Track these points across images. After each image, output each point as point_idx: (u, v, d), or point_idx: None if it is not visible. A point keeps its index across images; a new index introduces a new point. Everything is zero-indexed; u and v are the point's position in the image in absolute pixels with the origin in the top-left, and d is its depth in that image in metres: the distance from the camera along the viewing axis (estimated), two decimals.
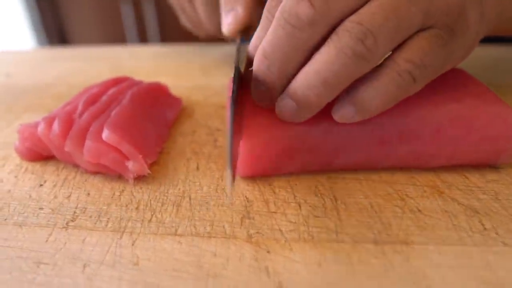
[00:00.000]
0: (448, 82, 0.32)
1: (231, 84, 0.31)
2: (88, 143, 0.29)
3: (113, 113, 0.32)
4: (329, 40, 0.24)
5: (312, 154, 0.29)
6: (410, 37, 0.25)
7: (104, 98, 0.36)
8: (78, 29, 1.91)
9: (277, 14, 0.25)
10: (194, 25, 0.53)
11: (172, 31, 1.84)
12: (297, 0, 0.24)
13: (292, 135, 0.29)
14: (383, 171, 0.31)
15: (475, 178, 0.30)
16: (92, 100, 0.36)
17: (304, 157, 0.30)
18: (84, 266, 0.24)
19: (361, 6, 0.24)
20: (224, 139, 0.36)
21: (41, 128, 0.32)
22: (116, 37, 1.87)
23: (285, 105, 0.26)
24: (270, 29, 0.25)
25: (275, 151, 0.29)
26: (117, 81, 0.40)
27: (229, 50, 0.64)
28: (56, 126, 0.31)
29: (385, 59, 0.25)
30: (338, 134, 0.29)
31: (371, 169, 0.31)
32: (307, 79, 0.25)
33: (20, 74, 0.56)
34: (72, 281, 0.23)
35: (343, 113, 0.26)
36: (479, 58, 0.55)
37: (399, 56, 0.24)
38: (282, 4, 0.25)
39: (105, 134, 0.29)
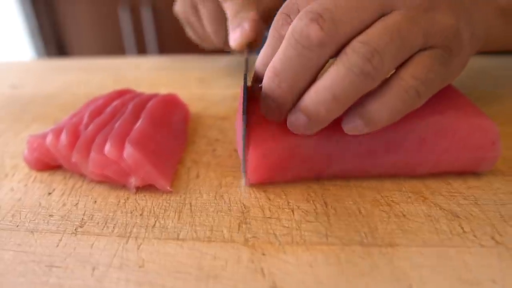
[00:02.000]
0: None
1: (241, 94, 0.34)
2: (93, 154, 0.31)
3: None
4: (338, 59, 0.26)
5: (305, 164, 0.31)
6: (412, 56, 0.27)
7: (109, 110, 0.38)
8: (76, 39, 1.92)
9: (287, 35, 0.27)
10: (201, 38, 0.55)
11: (170, 41, 1.86)
12: (308, 22, 0.25)
13: (285, 147, 0.31)
14: (373, 179, 0.33)
15: (457, 184, 0.32)
16: (97, 112, 0.38)
17: (298, 167, 0.32)
18: (93, 269, 0.26)
19: (367, 27, 0.26)
20: (222, 149, 0.38)
21: (49, 139, 0.34)
22: (114, 47, 1.89)
23: (297, 119, 0.28)
24: (281, 48, 0.27)
25: (271, 162, 0.31)
26: (120, 94, 0.42)
27: (228, 61, 0.66)
28: (63, 137, 0.33)
29: (392, 76, 0.27)
30: (329, 146, 0.31)
31: (361, 177, 0.33)
32: (318, 95, 0.26)
33: (26, 85, 0.58)
34: (83, 282, 0.25)
35: (353, 126, 0.28)
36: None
37: (406, 73, 0.26)
38: (293, 24, 0.26)
39: (107, 148, 0.31)
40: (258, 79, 0.32)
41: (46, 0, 1.80)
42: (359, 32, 0.26)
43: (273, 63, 0.28)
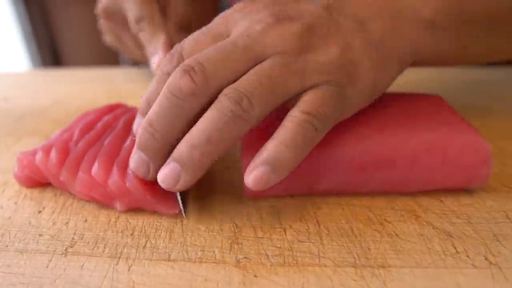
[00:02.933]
0: (423, 110, 0.34)
1: None
2: (80, 174, 0.31)
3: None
4: (212, 105, 0.27)
5: (295, 179, 0.31)
6: (300, 96, 0.28)
7: (99, 125, 0.37)
8: (72, 48, 1.92)
9: (163, 87, 0.28)
10: (122, 50, 0.59)
11: None
12: (181, 74, 0.27)
13: None
14: (364, 196, 0.33)
15: (449, 202, 0.32)
16: (88, 127, 0.37)
17: (288, 181, 0.31)
18: None
19: (239, 77, 0.28)
20: (215, 165, 0.38)
21: (39, 156, 0.33)
22: (110, 56, 1.88)
23: (170, 170, 0.28)
24: (157, 101, 0.28)
25: None
26: (111, 108, 0.41)
27: None
28: (53, 155, 0.33)
29: (285, 118, 0.28)
30: (319, 161, 0.31)
31: (351, 194, 0.33)
32: (192, 139, 0.27)
33: (17, 98, 0.58)
34: None
35: (258, 175, 0.27)
36: (457, 81, 0.57)
37: (295, 111, 0.28)
38: (168, 79, 0.28)
39: (94, 169, 0.31)
40: (141, 115, 0.33)
41: (41, 6, 1.80)
42: (233, 81, 0.28)
43: (149, 114, 0.29)
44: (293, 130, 0.27)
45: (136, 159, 0.30)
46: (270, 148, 0.27)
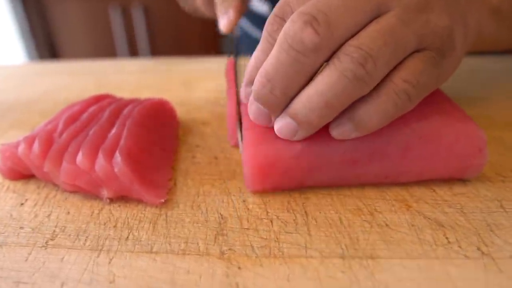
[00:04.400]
0: None
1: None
2: (64, 164, 0.30)
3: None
4: (331, 63, 0.25)
5: (287, 173, 0.30)
6: (405, 58, 0.26)
7: (84, 116, 0.36)
8: (69, 42, 1.91)
9: (280, 39, 0.26)
10: (193, 10, 0.57)
11: (162, 40, 1.85)
12: (302, 26, 0.24)
13: (267, 155, 0.30)
14: (354, 186, 0.32)
15: (442, 191, 0.31)
16: (73, 118, 0.36)
17: (279, 176, 0.30)
18: (62, 284, 0.24)
19: (361, 29, 0.26)
20: (202, 156, 0.37)
21: (21, 148, 0.32)
22: (107, 49, 1.88)
23: (286, 124, 0.28)
24: (273, 53, 0.26)
25: (252, 167, 0.30)
26: (97, 99, 0.40)
27: (212, 64, 0.65)
28: (36, 146, 0.32)
29: (383, 79, 0.26)
30: (311, 155, 0.30)
31: (343, 186, 0.32)
32: (311, 102, 0.26)
33: (6, 90, 0.57)
34: None
35: (343, 130, 0.28)
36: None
37: (397, 76, 0.26)
38: (285, 29, 0.25)
39: (79, 158, 0.30)
40: (250, 82, 0.31)
41: (37, 1, 1.79)
42: (353, 35, 0.25)
43: (265, 68, 0.27)
44: (388, 99, 0.26)
45: (255, 110, 0.29)
46: (359, 109, 0.26)
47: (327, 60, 0.26)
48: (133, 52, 1.88)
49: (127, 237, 0.28)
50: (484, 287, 0.23)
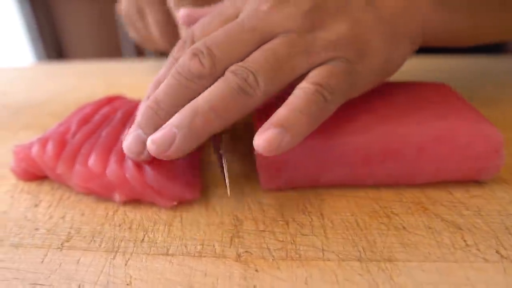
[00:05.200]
0: (432, 99, 0.33)
1: None
2: (77, 167, 0.30)
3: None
4: (219, 80, 0.28)
5: (299, 170, 0.30)
6: (310, 71, 0.28)
7: (97, 118, 0.36)
8: (76, 42, 1.92)
9: (173, 68, 0.29)
10: (143, 40, 0.58)
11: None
12: (190, 57, 0.28)
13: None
14: (370, 188, 0.32)
15: (459, 193, 0.31)
16: (85, 120, 0.36)
17: (292, 173, 0.30)
18: (79, 286, 0.24)
19: (249, 55, 0.28)
20: (216, 158, 0.37)
21: (35, 149, 0.32)
22: (113, 49, 1.88)
23: (166, 132, 0.27)
24: (165, 80, 0.29)
25: (266, 165, 0.30)
26: (109, 100, 0.40)
27: None
28: (49, 147, 0.32)
29: (295, 89, 0.28)
30: (323, 152, 0.30)
31: (357, 186, 0.32)
32: (196, 105, 0.27)
33: (16, 92, 0.57)
34: None
35: (270, 136, 0.25)
36: (464, 70, 0.56)
37: (304, 82, 0.27)
38: (179, 60, 0.29)
39: (91, 161, 0.30)
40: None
41: (44, 1, 1.80)
42: (240, 60, 0.28)
43: (156, 92, 0.29)
44: (304, 98, 0.26)
45: (132, 138, 0.29)
46: (283, 112, 0.26)
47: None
48: (140, 52, 1.88)
49: (143, 239, 0.28)
50: None
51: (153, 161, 0.30)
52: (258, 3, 0.30)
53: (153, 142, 0.27)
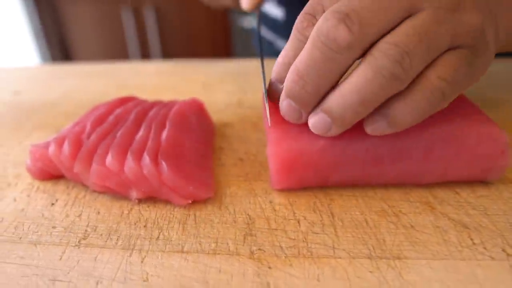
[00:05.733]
0: None
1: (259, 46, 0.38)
2: (94, 166, 0.31)
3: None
4: (365, 61, 0.25)
5: (310, 169, 0.31)
6: (439, 56, 0.26)
7: (111, 118, 0.37)
8: (81, 43, 1.93)
9: (313, 36, 0.26)
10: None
11: (173, 40, 1.86)
12: (335, 24, 0.25)
13: (291, 151, 0.30)
14: (379, 188, 0.33)
15: (466, 193, 0.32)
16: (100, 120, 0.37)
17: (303, 172, 0.31)
18: (97, 283, 0.25)
19: (394, 27, 0.26)
20: (227, 157, 0.38)
21: (52, 149, 0.33)
22: (118, 51, 1.90)
23: (320, 120, 0.28)
24: (305, 50, 0.27)
25: (277, 164, 0.31)
26: (123, 101, 0.41)
27: (231, 66, 0.66)
28: (66, 147, 0.33)
29: (418, 76, 0.26)
30: (335, 152, 0.30)
31: (366, 185, 0.33)
32: (345, 99, 0.26)
33: (29, 91, 0.58)
34: None
35: (376, 127, 0.28)
36: None
37: (431, 74, 0.26)
38: (318, 26, 0.26)
39: (108, 160, 0.31)
40: (279, 80, 0.31)
41: (50, 2, 1.81)
42: (386, 33, 0.26)
43: (297, 65, 0.27)
44: (423, 96, 0.26)
45: (286, 106, 0.29)
46: (394, 106, 0.26)
47: (359, 57, 0.26)
48: (145, 53, 1.89)
49: (158, 237, 0.29)
50: None
51: (169, 160, 0.31)
52: None
53: (313, 128, 0.29)
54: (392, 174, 0.31)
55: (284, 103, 0.29)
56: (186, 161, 0.32)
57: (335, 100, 0.27)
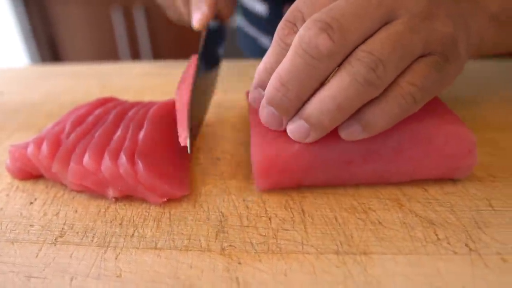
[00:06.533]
0: None
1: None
2: (72, 165, 0.32)
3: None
4: (342, 68, 0.26)
5: (285, 173, 0.32)
6: (412, 63, 0.28)
7: (90, 119, 0.38)
8: (71, 44, 1.92)
9: (295, 44, 0.27)
10: (178, 18, 0.60)
11: (163, 40, 1.87)
12: (317, 32, 0.25)
13: (266, 155, 0.31)
14: (349, 186, 0.33)
15: (433, 190, 0.33)
16: (79, 120, 0.38)
17: (278, 175, 0.32)
18: (72, 279, 0.26)
19: (370, 36, 0.27)
20: (204, 157, 0.39)
21: (30, 149, 0.34)
22: (108, 51, 1.89)
23: (299, 127, 0.29)
24: (287, 57, 0.27)
25: (256, 167, 0.32)
26: (103, 102, 0.42)
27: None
28: (44, 147, 0.33)
29: (391, 83, 0.27)
30: (310, 156, 0.31)
31: (339, 185, 0.33)
32: (322, 105, 0.27)
33: (12, 92, 0.58)
34: None
35: (351, 131, 0.29)
36: None
37: (403, 80, 0.27)
38: (300, 35, 0.26)
39: (85, 160, 0.32)
40: (260, 85, 0.32)
41: (39, 3, 1.80)
42: (364, 40, 0.27)
43: (279, 72, 0.28)
44: (394, 101, 0.27)
45: (267, 114, 0.30)
46: (367, 111, 0.28)
47: (339, 65, 0.27)
48: (135, 53, 1.89)
49: (133, 234, 0.29)
50: (470, 281, 0.25)
51: (146, 160, 0.31)
52: None
53: (291, 135, 0.30)
54: (363, 175, 0.32)
55: (265, 110, 0.30)
56: (162, 160, 0.33)
57: (313, 106, 0.28)
